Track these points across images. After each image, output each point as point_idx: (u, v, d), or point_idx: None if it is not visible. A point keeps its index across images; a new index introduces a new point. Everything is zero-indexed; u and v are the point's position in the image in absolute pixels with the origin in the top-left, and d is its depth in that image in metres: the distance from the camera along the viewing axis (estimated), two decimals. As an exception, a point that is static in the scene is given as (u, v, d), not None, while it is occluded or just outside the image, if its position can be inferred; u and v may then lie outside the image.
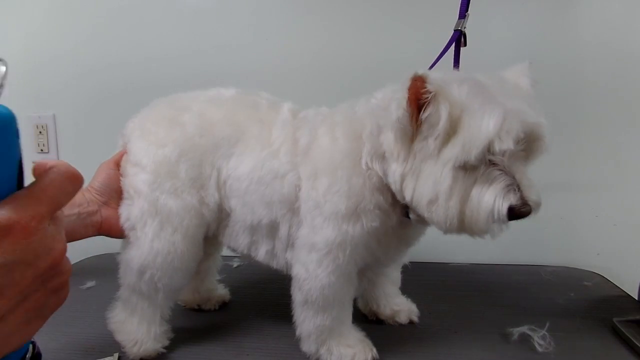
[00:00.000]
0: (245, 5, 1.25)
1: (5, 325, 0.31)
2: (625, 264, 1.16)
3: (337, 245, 0.69)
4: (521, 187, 0.59)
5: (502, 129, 0.56)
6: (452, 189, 0.59)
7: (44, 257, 0.32)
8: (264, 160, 0.74)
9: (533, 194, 0.60)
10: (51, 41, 1.32)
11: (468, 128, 0.58)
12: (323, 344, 0.75)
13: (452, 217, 0.60)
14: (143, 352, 0.78)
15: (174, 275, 0.77)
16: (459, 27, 0.80)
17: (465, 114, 0.58)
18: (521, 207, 0.59)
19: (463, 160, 0.58)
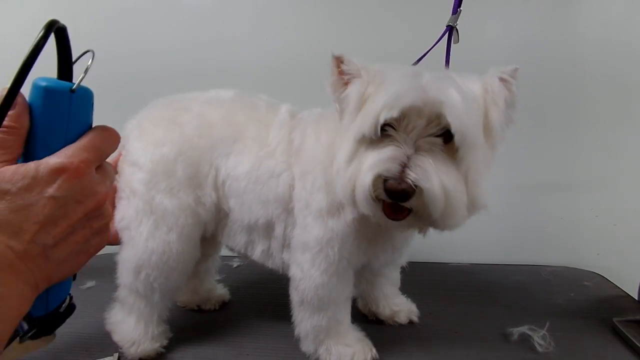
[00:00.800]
0: (245, 4, 1.25)
1: (58, 252, 0.39)
2: (625, 264, 1.16)
3: (326, 243, 0.70)
4: (411, 165, 0.55)
5: (392, 99, 0.56)
6: (350, 160, 0.60)
7: (90, 197, 0.40)
8: (261, 160, 0.74)
9: (421, 175, 0.54)
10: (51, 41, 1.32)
11: (369, 102, 0.59)
12: (321, 344, 0.75)
13: (347, 189, 0.60)
14: (141, 352, 0.78)
15: (169, 274, 0.76)
16: (451, 23, 0.80)
17: (375, 90, 0.60)
18: (392, 179, 0.55)
19: (360, 132, 0.59)
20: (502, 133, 0.61)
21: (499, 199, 1.28)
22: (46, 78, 0.41)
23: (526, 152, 1.21)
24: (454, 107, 0.55)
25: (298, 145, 0.73)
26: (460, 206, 0.57)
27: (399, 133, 0.57)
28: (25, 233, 0.37)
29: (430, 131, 0.57)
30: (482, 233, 1.25)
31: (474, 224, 1.27)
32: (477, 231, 1.24)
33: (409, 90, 0.56)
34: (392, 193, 0.55)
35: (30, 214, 0.37)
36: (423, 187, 0.54)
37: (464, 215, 0.59)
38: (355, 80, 0.61)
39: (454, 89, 0.57)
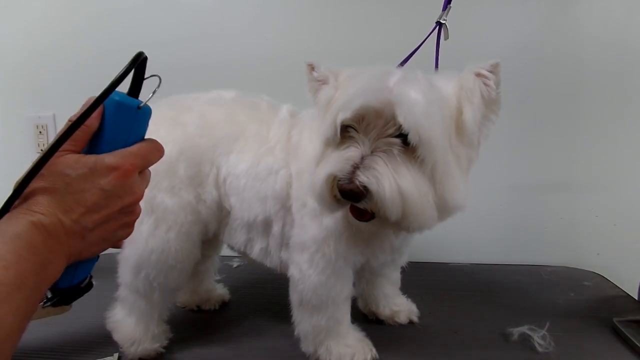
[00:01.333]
0: (246, 4, 1.25)
1: (92, 235, 0.45)
2: (625, 264, 1.16)
3: (322, 242, 0.71)
4: (363, 167, 0.55)
5: (347, 100, 0.57)
6: (318, 161, 0.62)
7: (130, 195, 0.46)
8: (260, 157, 0.75)
9: (373, 180, 0.54)
10: (51, 41, 1.32)
11: (332, 106, 0.61)
12: (321, 344, 0.75)
13: (311, 188, 0.62)
14: (141, 351, 0.78)
15: (168, 273, 0.77)
16: (440, 19, 0.79)
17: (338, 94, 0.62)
18: (342, 180, 0.55)
19: (324, 134, 0.60)
20: (479, 130, 0.60)
21: (499, 199, 1.29)
22: (120, 93, 0.48)
23: (526, 152, 1.21)
24: (407, 106, 0.55)
25: (295, 143, 0.74)
26: (424, 207, 0.56)
27: (358, 134, 0.58)
28: (74, 213, 0.43)
29: (389, 132, 0.57)
30: (482, 233, 1.25)
31: (474, 224, 1.28)
32: (477, 231, 1.25)
33: (365, 91, 0.57)
34: (343, 193, 0.56)
35: (82, 198, 0.43)
36: (371, 189, 0.54)
37: (432, 216, 0.58)
38: (324, 85, 0.65)
39: (413, 89, 0.56)
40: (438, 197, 0.57)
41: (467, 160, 0.61)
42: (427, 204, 0.57)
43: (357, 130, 0.58)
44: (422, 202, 0.56)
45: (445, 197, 0.57)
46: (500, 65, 0.59)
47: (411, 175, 0.56)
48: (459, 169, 0.59)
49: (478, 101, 0.59)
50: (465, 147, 0.60)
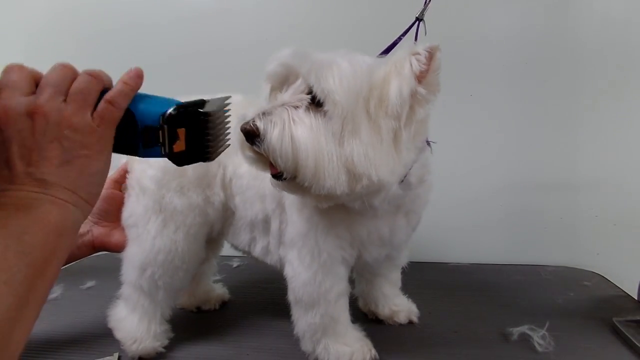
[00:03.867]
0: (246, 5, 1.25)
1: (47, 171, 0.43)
2: (625, 264, 1.16)
3: (306, 235, 0.71)
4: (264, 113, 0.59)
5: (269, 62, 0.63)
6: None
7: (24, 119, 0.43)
8: None
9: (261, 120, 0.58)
10: (51, 41, 1.32)
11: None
12: (319, 343, 0.75)
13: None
14: (142, 350, 0.78)
15: (174, 273, 0.77)
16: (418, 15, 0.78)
17: None
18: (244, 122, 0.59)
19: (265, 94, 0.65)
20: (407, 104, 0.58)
21: (499, 199, 1.29)
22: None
23: (526, 152, 1.21)
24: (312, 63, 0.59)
25: None
26: (322, 162, 0.56)
27: (280, 93, 0.62)
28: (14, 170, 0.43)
29: (300, 89, 0.60)
30: (482, 233, 1.25)
31: (474, 224, 1.28)
32: (477, 231, 1.25)
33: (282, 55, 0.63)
34: (242, 133, 0.59)
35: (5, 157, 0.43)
36: (261, 129, 0.57)
37: (338, 178, 0.57)
38: None
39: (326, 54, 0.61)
40: (345, 158, 0.56)
41: (391, 132, 0.59)
42: (328, 161, 0.56)
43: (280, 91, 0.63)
44: (320, 156, 0.56)
45: (354, 160, 0.56)
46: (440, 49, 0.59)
47: (312, 127, 0.57)
48: (377, 139, 0.58)
49: (407, 74, 0.58)
50: (389, 119, 0.58)
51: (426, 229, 0.81)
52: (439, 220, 0.80)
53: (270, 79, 0.64)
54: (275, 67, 0.63)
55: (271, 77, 0.64)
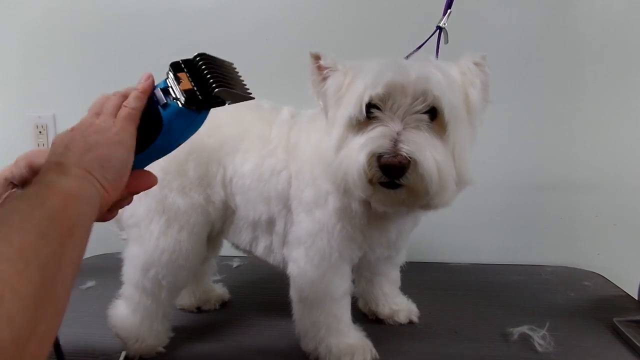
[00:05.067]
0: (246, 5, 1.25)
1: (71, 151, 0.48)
2: (625, 264, 1.16)
3: (316, 235, 0.71)
4: (402, 140, 0.56)
5: (373, 78, 0.58)
6: (339, 146, 0.61)
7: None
8: (263, 158, 0.76)
9: (413, 148, 0.55)
10: (51, 41, 1.32)
11: (351, 88, 0.61)
12: (321, 342, 0.75)
13: (337, 176, 0.61)
14: (143, 349, 0.79)
15: (178, 273, 0.78)
16: (440, 23, 0.80)
17: (354, 79, 0.62)
18: (387, 154, 0.55)
19: (346, 115, 0.60)
20: (480, 113, 0.63)
21: (499, 199, 1.29)
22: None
23: (526, 152, 1.21)
24: (439, 82, 0.57)
25: (294, 143, 0.75)
26: (450, 181, 0.58)
27: (385, 113, 0.58)
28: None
29: (416, 108, 0.58)
30: (482, 233, 1.25)
31: (474, 224, 1.28)
32: (477, 231, 1.25)
33: (390, 68, 0.58)
34: (388, 168, 0.55)
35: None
36: (417, 159, 0.55)
37: (453, 190, 0.59)
38: (333, 73, 0.65)
39: (434, 68, 0.59)
40: (457, 171, 0.59)
41: (472, 139, 0.64)
42: (452, 178, 0.58)
43: (382, 109, 0.59)
44: (450, 175, 0.57)
45: (462, 171, 0.59)
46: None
47: (441, 149, 0.58)
48: (470, 146, 0.62)
49: (479, 85, 0.62)
50: (471, 127, 0.63)
51: (426, 229, 0.81)
52: (439, 220, 0.79)
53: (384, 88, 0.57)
54: (383, 88, 0.57)
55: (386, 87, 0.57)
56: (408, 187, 0.57)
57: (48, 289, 0.36)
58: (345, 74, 0.64)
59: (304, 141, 0.74)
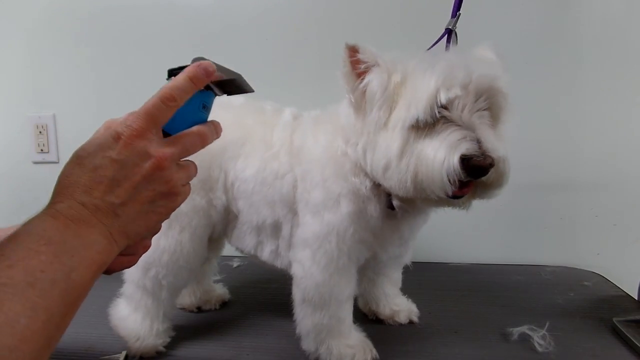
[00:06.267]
0: (246, 4, 1.25)
1: (126, 210, 0.43)
2: (625, 264, 1.16)
3: (324, 238, 0.70)
4: (481, 139, 0.56)
5: (446, 78, 0.56)
6: (402, 150, 0.59)
7: (146, 159, 0.44)
8: (266, 162, 0.76)
9: (494, 147, 0.56)
10: (51, 41, 1.32)
11: (412, 89, 0.59)
12: (322, 343, 0.75)
13: (406, 179, 0.59)
14: (144, 347, 0.79)
15: (178, 273, 0.78)
16: (449, 26, 0.80)
17: (409, 78, 0.60)
18: (478, 156, 0.55)
19: (412, 118, 0.58)
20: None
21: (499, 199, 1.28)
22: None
23: (526, 152, 1.21)
24: (501, 80, 0.58)
25: (298, 146, 0.75)
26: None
27: (452, 112, 0.58)
28: (95, 191, 0.42)
29: (480, 105, 0.58)
30: (482, 233, 1.25)
31: (474, 224, 1.28)
32: (477, 231, 1.25)
33: (456, 71, 0.57)
34: (478, 169, 0.56)
35: (98, 175, 0.42)
36: (502, 158, 0.57)
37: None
38: (374, 69, 0.60)
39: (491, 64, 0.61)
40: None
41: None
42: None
43: (449, 109, 0.58)
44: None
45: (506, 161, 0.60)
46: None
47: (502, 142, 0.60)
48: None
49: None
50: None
51: (427, 229, 0.81)
52: (439, 221, 0.80)
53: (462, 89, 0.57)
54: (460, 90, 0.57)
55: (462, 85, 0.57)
56: (482, 183, 0.59)
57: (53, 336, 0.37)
58: (389, 71, 0.60)
59: (310, 143, 0.73)
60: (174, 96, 0.45)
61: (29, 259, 0.36)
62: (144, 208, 0.45)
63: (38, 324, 0.35)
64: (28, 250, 0.37)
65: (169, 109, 0.46)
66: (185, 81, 0.46)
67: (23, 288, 0.35)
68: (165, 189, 0.46)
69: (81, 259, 0.40)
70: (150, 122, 0.45)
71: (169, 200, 0.47)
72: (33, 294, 0.35)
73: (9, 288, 0.34)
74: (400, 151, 0.59)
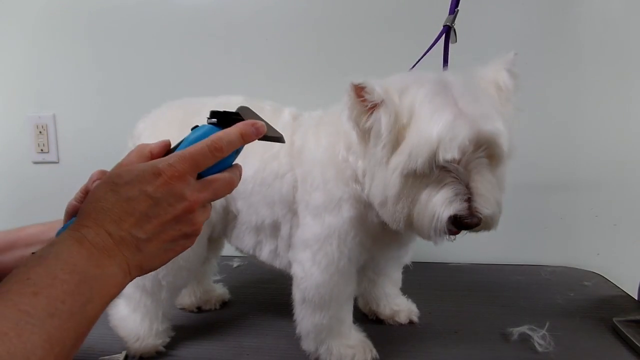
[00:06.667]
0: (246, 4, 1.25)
1: (149, 246, 0.43)
2: (625, 264, 1.16)
3: (324, 240, 0.71)
4: (474, 196, 0.58)
5: (447, 137, 0.56)
6: (399, 194, 0.60)
7: (181, 202, 0.44)
8: (266, 162, 0.75)
9: (486, 206, 0.58)
10: (51, 41, 1.32)
11: (415, 135, 0.58)
12: (322, 343, 0.75)
13: (399, 220, 0.62)
14: (144, 347, 0.79)
15: (177, 273, 0.78)
16: (448, 22, 0.80)
17: (414, 120, 0.59)
18: (466, 217, 0.57)
19: (410, 168, 0.58)
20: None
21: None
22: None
23: (526, 152, 1.21)
24: (504, 134, 0.58)
25: (299, 147, 0.75)
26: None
27: (449, 165, 0.57)
28: (124, 223, 0.42)
29: (479, 155, 0.58)
30: (482, 233, 1.25)
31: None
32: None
33: (459, 129, 0.56)
34: (466, 226, 0.58)
35: (130, 207, 0.42)
36: (490, 215, 0.59)
37: None
38: (381, 108, 0.59)
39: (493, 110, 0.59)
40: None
41: None
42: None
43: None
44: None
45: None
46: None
47: (496, 186, 0.61)
48: None
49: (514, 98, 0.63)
50: None
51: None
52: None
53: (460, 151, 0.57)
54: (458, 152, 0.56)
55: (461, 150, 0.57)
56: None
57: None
58: (396, 112, 0.59)
59: (312, 144, 0.73)
60: (222, 148, 0.46)
61: (53, 288, 0.37)
62: (165, 246, 0.45)
63: (51, 357, 0.35)
64: (54, 278, 0.37)
65: (214, 158, 0.46)
66: (237, 137, 0.47)
67: (43, 319, 0.35)
68: (190, 230, 0.46)
69: (98, 291, 0.40)
70: (193, 167, 0.45)
71: (188, 240, 0.47)
72: (51, 325, 0.35)
73: (30, 318, 0.34)
74: (397, 196, 0.61)
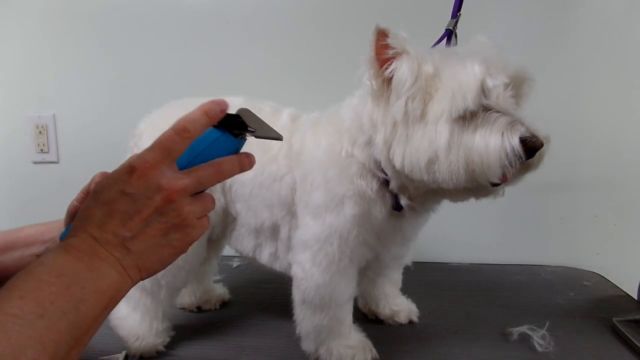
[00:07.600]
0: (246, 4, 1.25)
1: (137, 244, 0.43)
2: (625, 264, 1.16)
3: (325, 240, 0.70)
4: (525, 122, 0.57)
5: (490, 66, 0.58)
6: (450, 142, 0.58)
7: (157, 193, 0.43)
8: (264, 165, 0.75)
9: (539, 128, 0.58)
10: (51, 41, 1.32)
11: (452, 78, 0.58)
12: (322, 344, 0.75)
13: (458, 170, 0.58)
14: (144, 347, 0.79)
15: (177, 273, 0.78)
16: (450, 26, 0.80)
17: (442, 69, 0.59)
18: (532, 137, 0.56)
19: (459, 109, 0.57)
20: None
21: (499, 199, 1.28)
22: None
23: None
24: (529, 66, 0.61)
25: (298, 149, 0.74)
26: None
27: (489, 101, 0.58)
28: (108, 225, 0.42)
29: (509, 93, 0.60)
30: (482, 233, 1.25)
31: (474, 224, 1.28)
32: (477, 231, 1.25)
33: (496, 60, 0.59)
34: (533, 150, 0.57)
35: (111, 209, 0.43)
36: (547, 138, 0.58)
37: None
38: (403, 57, 0.59)
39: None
40: None
41: None
42: None
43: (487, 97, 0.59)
44: None
45: None
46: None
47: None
48: None
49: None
50: None
51: (427, 229, 0.81)
52: (439, 221, 0.80)
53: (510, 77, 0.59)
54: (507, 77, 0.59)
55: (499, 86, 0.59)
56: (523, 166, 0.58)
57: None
58: (419, 60, 0.58)
59: (310, 145, 0.73)
60: (187, 128, 0.46)
61: (40, 290, 0.37)
62: (157, 241, 0.44)
63: (45, 357, 0.35)
64: (39, 281, 0.37)
65: (183, 140, 0.45)
66: (200, 115, 0.47)
67: (32, 320, 0.35)
68: (177, 222, 0.45)
69: (91, 291, 0.40)
70: (163, 154, 0.44)
71: (182, 233, 0.46)
72: (42, 325, 0.35)
73: (18, 319, 0.35)
74: (448, 144, 0.58)
